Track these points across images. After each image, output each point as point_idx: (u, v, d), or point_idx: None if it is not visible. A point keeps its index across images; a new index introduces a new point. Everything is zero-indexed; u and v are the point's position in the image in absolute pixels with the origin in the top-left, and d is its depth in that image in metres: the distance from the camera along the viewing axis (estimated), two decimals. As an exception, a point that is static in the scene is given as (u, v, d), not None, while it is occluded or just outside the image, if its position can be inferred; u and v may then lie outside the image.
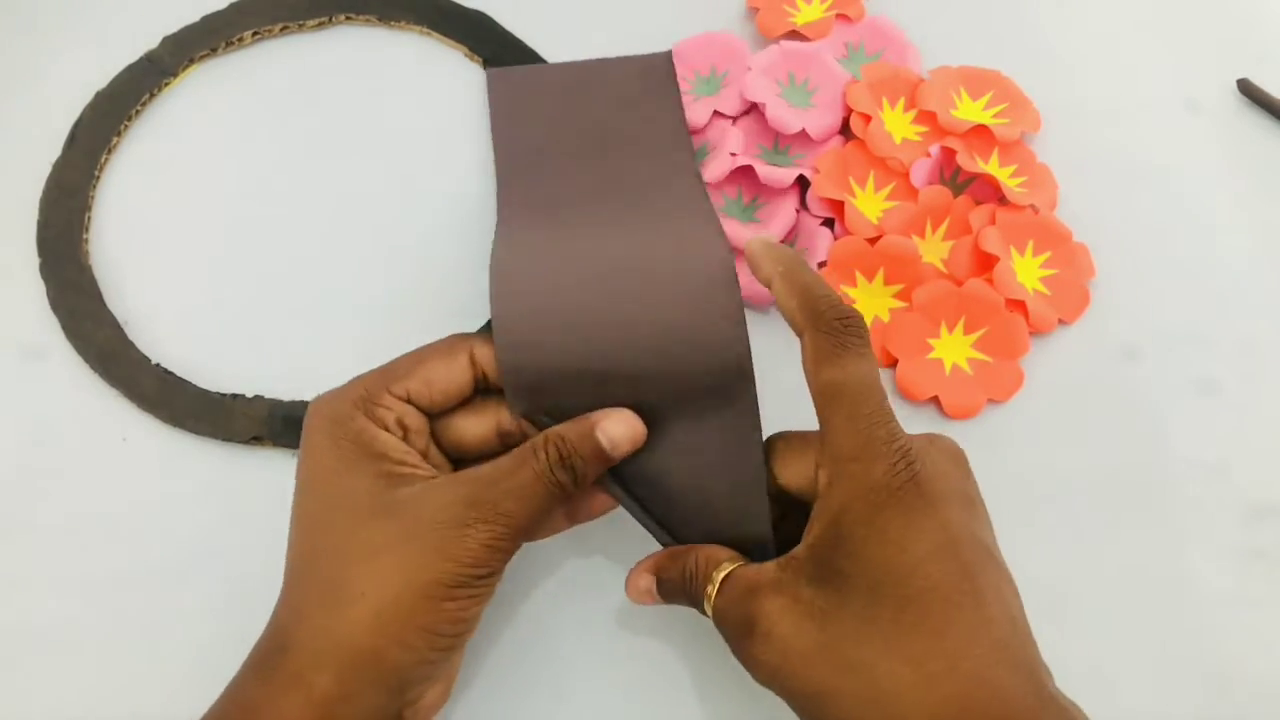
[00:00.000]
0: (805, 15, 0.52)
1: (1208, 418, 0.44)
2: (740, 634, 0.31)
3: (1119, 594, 0.41)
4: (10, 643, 0.40)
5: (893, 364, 0.45)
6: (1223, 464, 0.43)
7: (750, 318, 0.46)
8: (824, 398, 0.32)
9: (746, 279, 0.46)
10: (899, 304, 0.46)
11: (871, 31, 0.52)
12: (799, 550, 0.31)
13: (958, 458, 0.33)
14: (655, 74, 0.33)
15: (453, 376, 0.34)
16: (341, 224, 0.48)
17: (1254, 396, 0.45)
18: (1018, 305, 0.45)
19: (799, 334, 0.33)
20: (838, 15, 0.52)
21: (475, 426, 0.35)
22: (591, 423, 0.33)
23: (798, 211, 0.47)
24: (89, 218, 0.48)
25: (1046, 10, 0.54)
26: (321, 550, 0.32)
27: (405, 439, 0.34)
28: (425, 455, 0.34)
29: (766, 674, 0.31)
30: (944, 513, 0.30)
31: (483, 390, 0.36)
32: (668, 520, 0.35)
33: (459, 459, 0.36)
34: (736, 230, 0.46)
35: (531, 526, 0.32)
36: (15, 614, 0.41)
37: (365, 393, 0.33)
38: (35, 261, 0.47)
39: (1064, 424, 0.44)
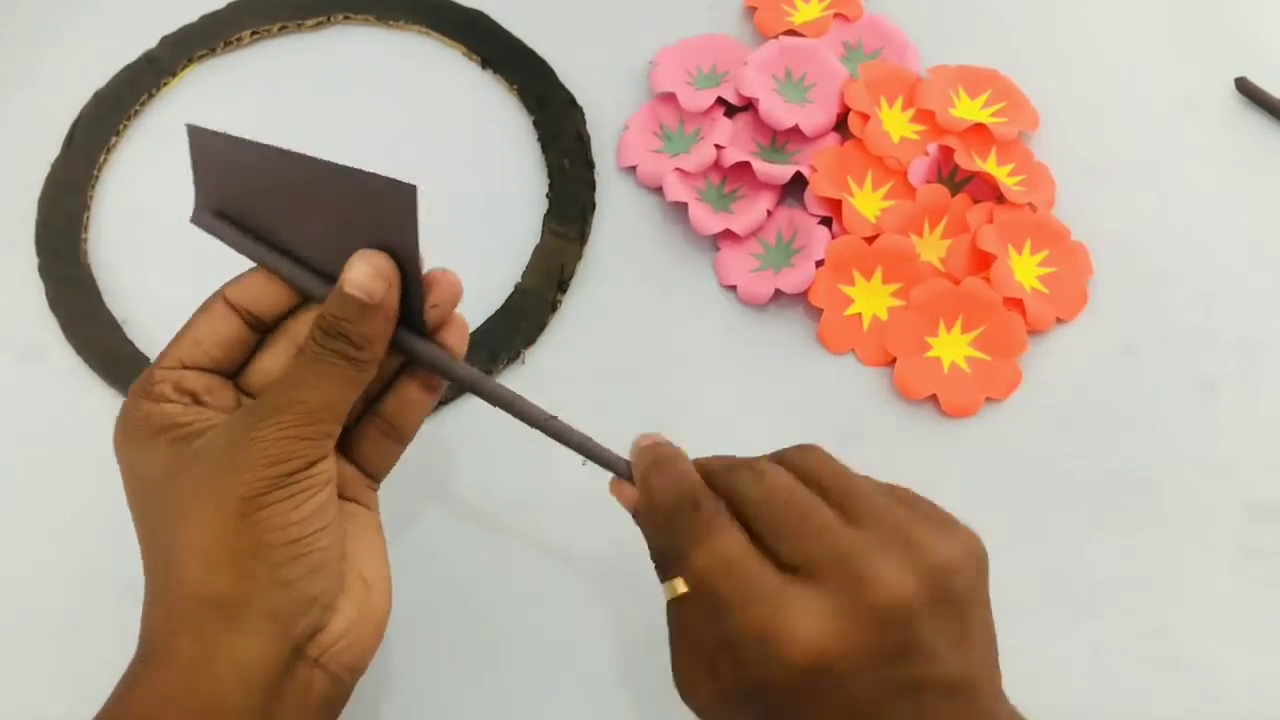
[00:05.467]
0: (803, 14, 0.52)
1: (1206, 417, 0.44)
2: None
3: (1117, 592, 0.41)
4: (10, 642, 0.40)
5: (891, 362, 0.45)
6: (1222, 463, 0.43)
7: (748, 316, 0.46)
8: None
9: (745, 280, 0.46)
10: (897, 302, 0.46)
11: (870, 30, 0.52)
12: None
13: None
14: (396, 198, 0.31)
15: (216, 325, 0.33)
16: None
17: (1253, 396, 0.45)
18: (1016, 304, 0.45)
19: None
20: (836, 14, 0.52)
21: (278, 358, 0.34)
22: (340, 281, 0.31)
23: (769, 213, 0.47)
24: (88, 217, 0.48)
25: (1044, 9, 0.54)
26: (147, 534, 0.32)
27: (198, 404, 0.33)
28: (236, 409, 0.33)
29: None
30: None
31: (268, 328, 0.34)
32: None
33: None
34: (707, 217, 0.47)
35: (328, 406, 0.31)
36: (15, 613, 0.41)
37: (142, 380, 0.33)
38: (34, 261, 0.47)
39: (1062, 423, 0.44)
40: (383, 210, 0.31)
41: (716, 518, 0.31)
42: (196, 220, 0.34)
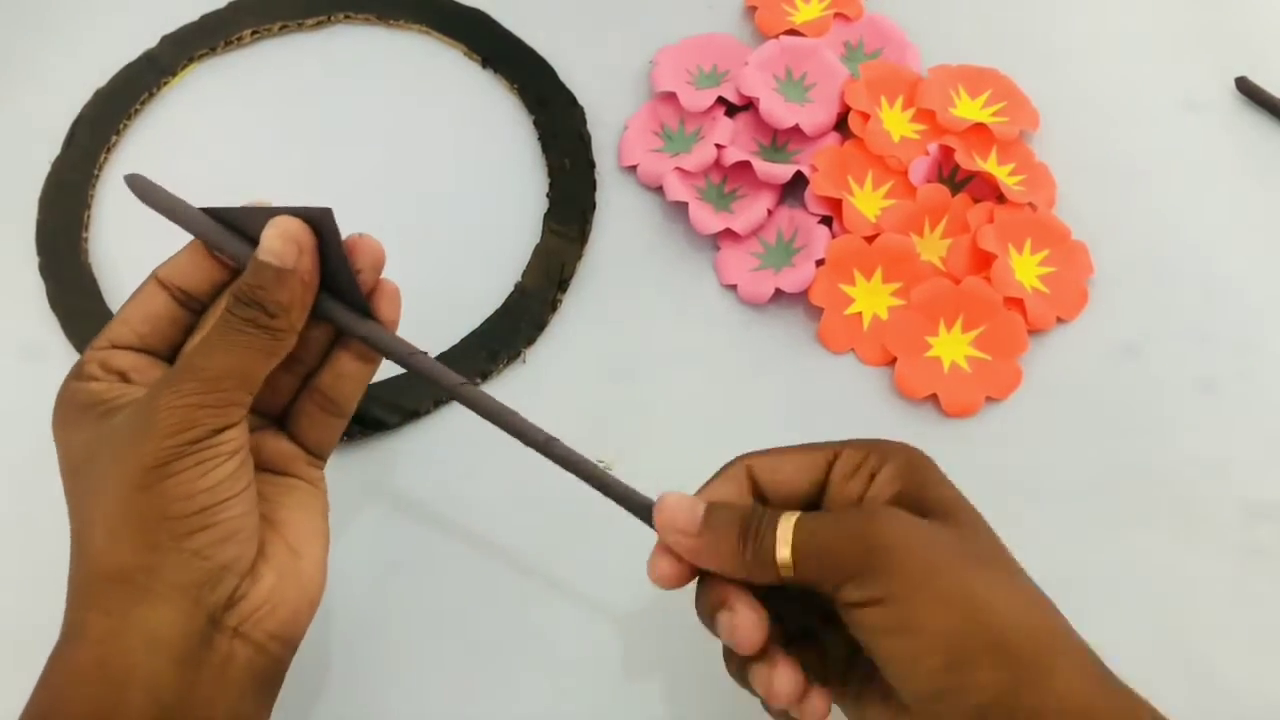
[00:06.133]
0: (804, 14, 0.52)
1: (1206, 416, 0.44)
2: (860, 549, 0.29)
3: (1117, 592, 0.41)
4: (10, 642, 0.40)
5: (891, 362, 0.45)
6: (1222, 462, 0.43)
7: (748, 316, 0.46)
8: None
9: (745, 279, 0.46)
10: (897, 302, 0.46)
11: (870, 30, 0.52)
12: (883, 500, 0.31)
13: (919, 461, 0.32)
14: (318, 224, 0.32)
15: (144, 305, 0.33)
16: (339, 222, 0.48)
17: (1253, 395, 0.45)
18: (1016, 303, 0.45)
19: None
20: (836, 14, 0.52)
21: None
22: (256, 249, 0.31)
23: (770, 213, 0.47)
24: (88, 216, 0.48)
25: (1045, 9, 0.54)
26: (70, 513, 0.32)
27: (127, 381, 0.33)
28: None
29: (902, 584, 0.28)
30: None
31: (202, 308, 0.34)
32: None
33: None
34: (708, 217, 0.47)
35: (232, 374, 0.31)
36: (15, 613, 0.41)
37: (76, 363, 0.33)
38: (35, 260, 0.47)
39: (1062, 422, 0.44)
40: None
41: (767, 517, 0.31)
42: (130, 180, 0.34)
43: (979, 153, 0.48)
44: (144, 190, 0.34)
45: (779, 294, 0.45)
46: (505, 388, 0.45)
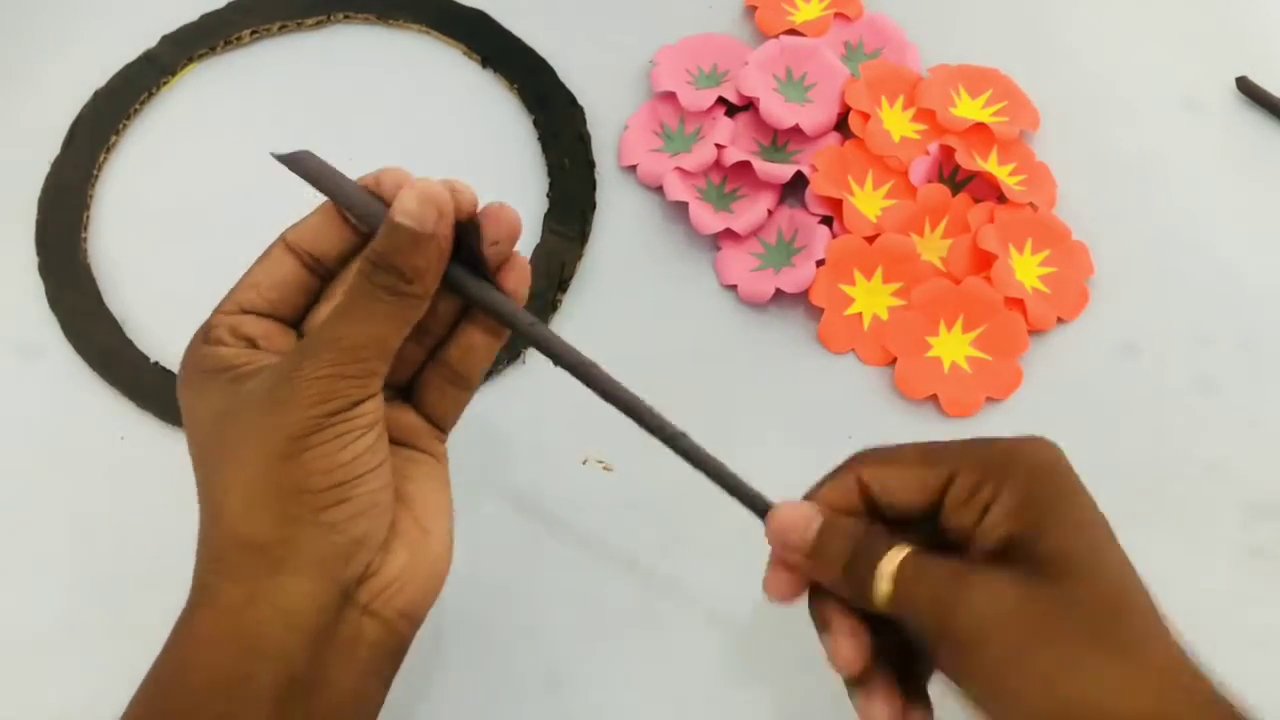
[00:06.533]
0: (804, 13, 0.52)
1: (1207, 416, 0.44)
2: (943, 620, 0.28)
3: (1117, 592, 0.41)
4: (10, 642, 0.40)
5: (891, 362, 0.45)
6: (1222, 462, 0.43)
7: (748, 316, 0.46)
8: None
9: (745, 279, 0.46)
10: (897, 302, 0.46)
11: (870, 30, 0.52)
12: (989, 547, 0.29)
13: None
14: None
15: (273, 270, 0.32)
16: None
17: (1253, 395, 0.45)
18: (1016, 303, 0.45)
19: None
20: (836, 13, 0.52)
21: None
22: (390, 211, 0.30)
23: (770, 213, 0.47)
24: (88, 216, 0.48)
25: (1045, 8, 0.54)
26: (201, 479, 0.31)
27: (255, 348, 0.32)
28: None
29: (989, 664, 0.28)
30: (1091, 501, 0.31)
31: (330, 275, 0.34)
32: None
33: None
34: (708, 217, 0.47)
35: (372, 343, 0.30)
36: (15, 613, 0.41)
37: (202, 325, 0.32)
38: (34, 260, 0.47)
39: (1063, 422, 0.44)
40: None
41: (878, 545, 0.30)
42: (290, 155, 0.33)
43: (979, 153, 0.48)
44: (294, 158, 0.33)
45: (779, 294, 0.45)
46: (505, 388, 0.45)
